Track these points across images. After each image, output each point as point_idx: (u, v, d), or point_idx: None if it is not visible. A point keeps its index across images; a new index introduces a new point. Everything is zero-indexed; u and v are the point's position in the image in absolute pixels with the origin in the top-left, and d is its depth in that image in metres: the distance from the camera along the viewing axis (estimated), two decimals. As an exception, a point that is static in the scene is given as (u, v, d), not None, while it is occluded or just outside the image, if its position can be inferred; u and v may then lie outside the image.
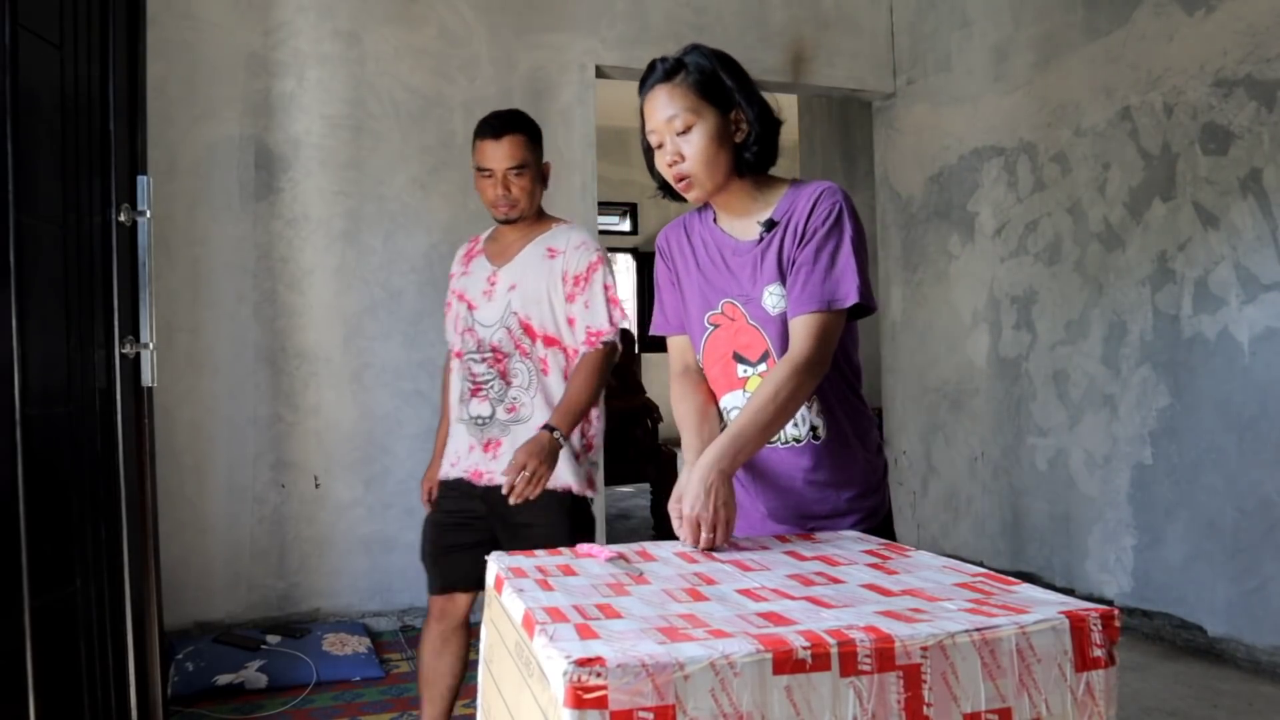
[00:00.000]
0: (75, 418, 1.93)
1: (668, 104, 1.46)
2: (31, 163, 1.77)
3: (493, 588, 1.15)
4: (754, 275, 1.49)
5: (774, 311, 1.47)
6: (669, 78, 1.47)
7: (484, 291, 2.14)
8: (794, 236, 1.46)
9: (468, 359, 2.14)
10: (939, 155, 4.36)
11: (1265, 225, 2.91)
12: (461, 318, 2.16)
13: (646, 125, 1.51)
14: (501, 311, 2.10)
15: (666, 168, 1.48)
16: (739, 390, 1.52)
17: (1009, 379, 3.96)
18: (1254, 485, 2.94)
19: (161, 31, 3.24)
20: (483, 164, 2.08)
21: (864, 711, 0.83)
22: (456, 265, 2.26)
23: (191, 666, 2.93)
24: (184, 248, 3.39)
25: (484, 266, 2.17)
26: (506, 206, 2.09)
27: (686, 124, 1.45)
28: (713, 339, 1.55)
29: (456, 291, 2.21)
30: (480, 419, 2.11)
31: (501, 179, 2.07)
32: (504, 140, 2.07)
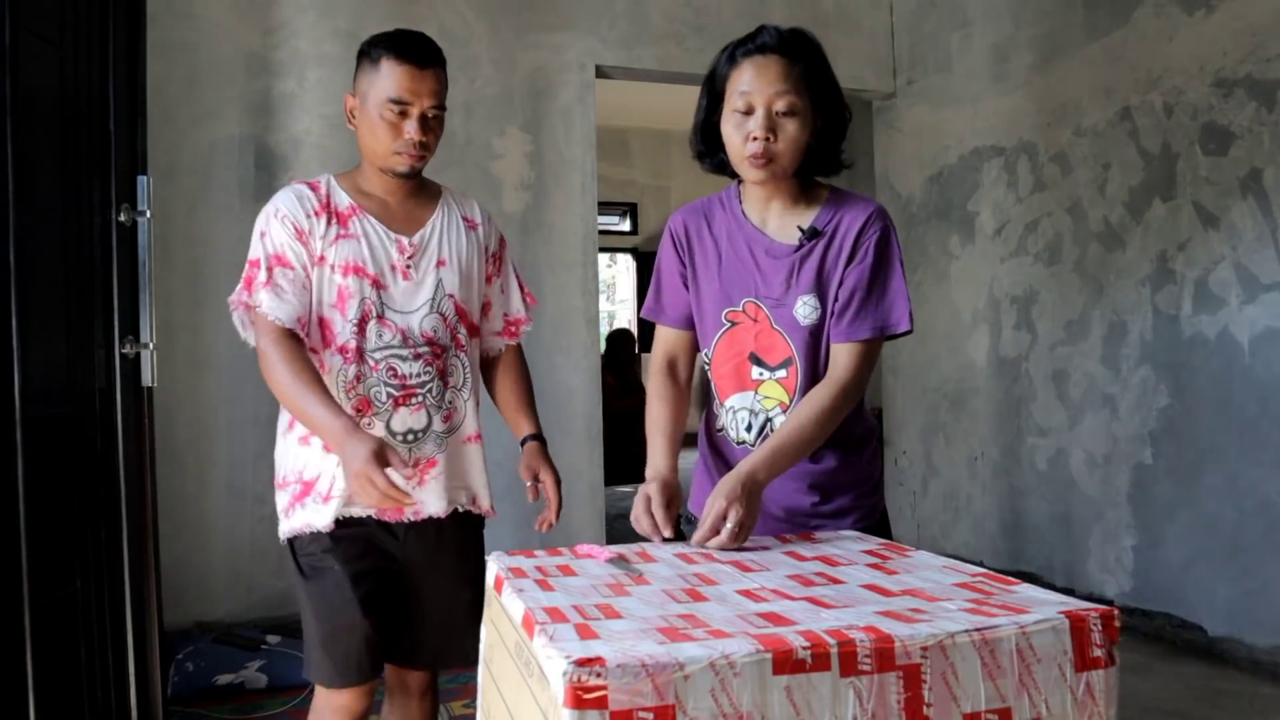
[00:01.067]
0: (75, 418, 1.93)
1: (781, 78, 1.40)
2: (31, 163, 1.77)
3: (492, 588, 1.15)
4: (788, 282, 1.46)
5: (804, 322, 1.46)
6: (789, 54, 1.42)
7: (395, 266, 1.66)
8: (839, 254, 1.45)
9: (383, 356, 1.63)
10: (939, 155, 4.36)
11: (1265, 225, 2.90)
12: (356, 298, 1.62)
13: (740, 86, 1.41)
14: (431, 293, 1.68)
15: (748, 139, 1.40)
16: (750, 392, 1.49)
17: (1009, 379, 3.96)
18: (1254, 485, 2.94)
19: (161, 31, 3.24)
20: (397, 95, 1.59)
21: (864, 711, 0.83)
22: (293, 218, 1.61)
23: (191, 666, 2.93)
24: (184, 248, 3.39)
25: (378, 231, 1.65)
26: (416, 156, 1.64)
27: (792, 106, 1.40)
28: (729, 336, 1.51)
29: (340, 261, 1.62)
30: (411, 434, 1.65)
31: (418, 120, 1.61)
32: (430, 71, 1.62)
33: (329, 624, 1.60)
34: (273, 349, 1.55)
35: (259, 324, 1.59)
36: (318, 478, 1.64)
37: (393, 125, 1.61)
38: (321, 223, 1.64)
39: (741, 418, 1.50)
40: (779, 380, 1.48)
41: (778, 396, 1.49)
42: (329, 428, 1.47)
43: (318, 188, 1.68)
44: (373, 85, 1.61)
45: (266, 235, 1.61)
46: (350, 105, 1.67)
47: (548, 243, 3.90)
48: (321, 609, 1.61)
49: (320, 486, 1.64)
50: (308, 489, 1.65)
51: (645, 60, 4.06)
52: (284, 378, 1.53)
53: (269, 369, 1.56)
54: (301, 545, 1.66)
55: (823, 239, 1.47)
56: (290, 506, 1.67)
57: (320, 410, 1.49)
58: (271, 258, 1.60)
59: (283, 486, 1.69)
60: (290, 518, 1.66)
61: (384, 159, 1.64)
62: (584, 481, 3.92)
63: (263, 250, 1.60)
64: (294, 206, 1.63)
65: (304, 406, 1.51)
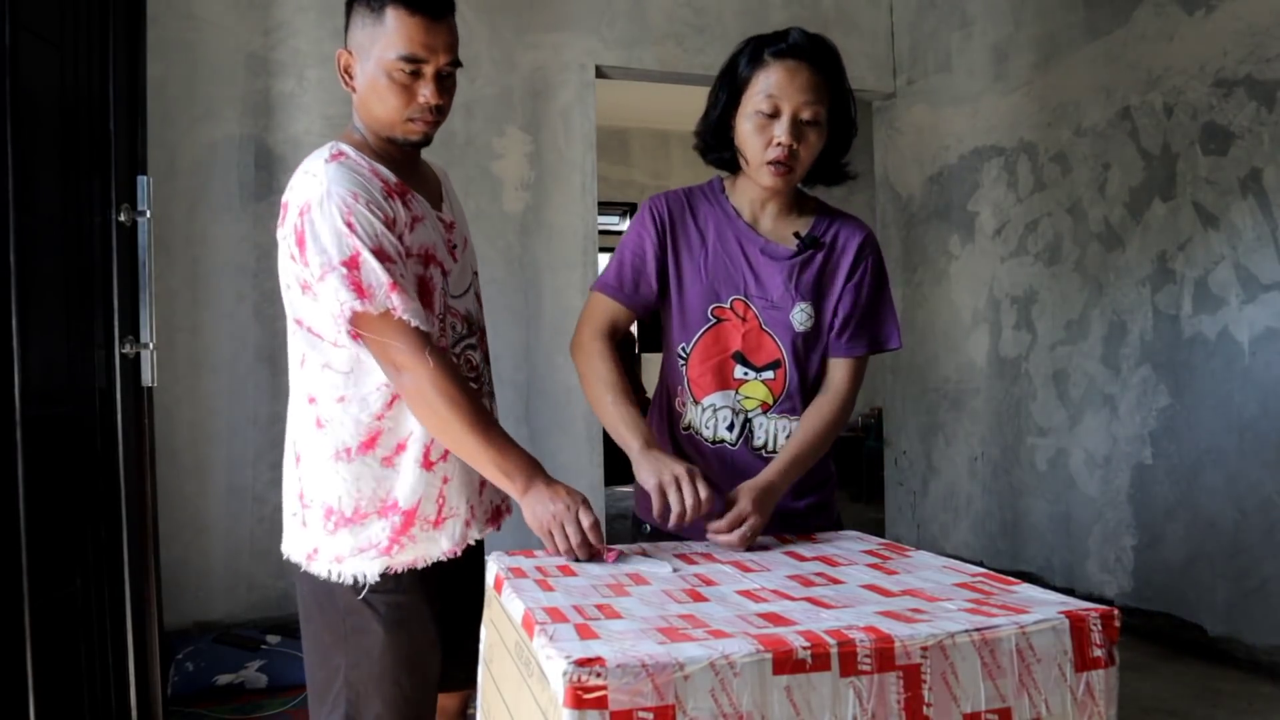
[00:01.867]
0: (75, 418, 1.93)
1: (813, 88, 1.40)
2: (31, 163, 1.77)
3: (492, 588, 1.15)
4: (786, 287, 1.48)
5: (799, 328, 1.48)
6: (817, 63, 1.41)
7: (449, 245, 1.45)
8: (836, 268, 1.50)
9: (462, 349, 1.45)
10: (939, 155, 4.36)
11: (1265, 225, 2.90)
12: (438, 290, 1.40)
13: (767, 89, 1.39)
14: (470, 272, 1.52)
15: (771, 144, 1.40)
16: (731, 390, 1.48)
17: (1009, 379, 3.96)
18: (1254, 485, 2.94)
19: (161, 31, 3.24)
20: (410, 51, 1.30)
21: (864, 711, 0.83)
22: (377, 203, 1.31)
23: (191, 666, 2.93)
24: (184, 248, 3.39)
25: (427, 210, 1.41)
26: (432, 123, 1.38)
27: (816, 117, 1.41)
28: (713, 332, 1.49)
29: (417, 249, 1.36)
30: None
31: (434, 79, 1.33)
32: (445, 22, 1.34)
33: (409, 679, 1.36)
34: (434, 359, 1.26)
35: (390, 333, 1.26)
36: (419, 502, 1.36)
37: (404, 87, 1.33)
38: (399, 206, 1.34)
39: (723, 416, 1.49)
40: (764, 381, 1.48)
41: (760, 397, 1.48)
42: (523, 466, 1.27)
43: (359, 163, 1.35)
44: (376, 40, 1.32)
45: (356, 227, 1.26)
46: (345, 62, 1.37)
47: (548, 243, 3.90)
48: (403, 660, 1.36)
49: (426, 512, 1.37)
50: (410, 521, 1.36)
51: (645, 60, 4.06)
52: (461, 403, 1.26)
53: (433, 388, 1.26)
54: (382, 585, 1.36)
55: (821, 250, 1.50)
56: (390, 545, 1.36)
57: (508, 444, 1.29)
58: (378, 252, 1.27)
59: (354, 522, 1.36)
60: (394, 554, 1.36)
61: (394, 127, 1.37)
62: (584, 481, 3.92)
63: (361, 243, 1.26)
64: (366, 188, 1.30)
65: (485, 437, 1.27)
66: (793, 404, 1.49)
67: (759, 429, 1.49)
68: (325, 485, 1.37)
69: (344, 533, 1.36)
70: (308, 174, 1.32)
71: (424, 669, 1.38)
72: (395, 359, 1.27)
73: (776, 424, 1.49)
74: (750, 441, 1.49)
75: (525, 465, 1.28)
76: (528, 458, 1.28)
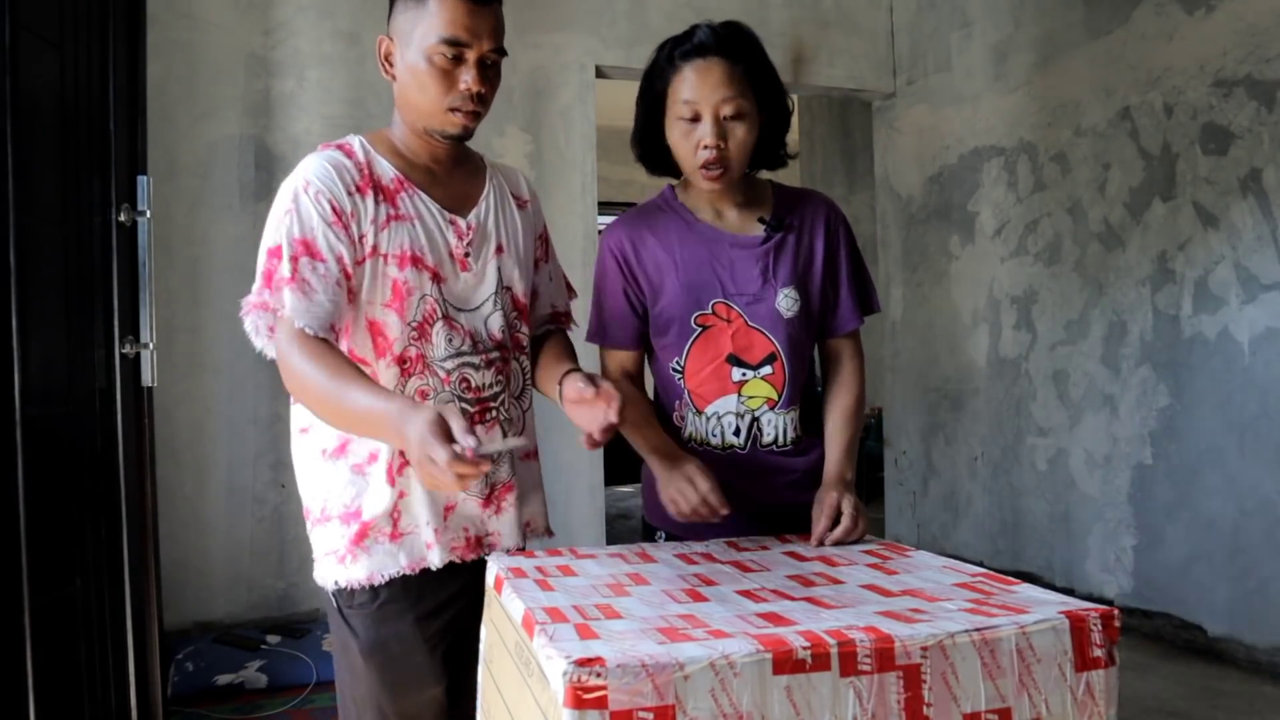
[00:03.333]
0: (75, 418, 1.93)
1: (725, 83, 1.37)
2: (31, 163, 1.77)
3: (492, 588, 1.15)
4: (764, 275, 1.46)
5: (787, 315, 1.45)
6: (730, 56, 1.39)
7: (454, 253, 1.35)
8: (811, 246, 1.49)
9: (455, 366, 1.34)
10: (939, 155, 4.36)
11: (1265, 225, 2.90)
12: (416, 296, 1.31)
13: (683, 94, 1.39)
14: (494, 286, 1.39)
15: (699, 148, 1.38)
16: (733, 395, 1.46)
17: (1009, 379, 3.96)
18: (1254, 485, 2.94)
19: (161, 31, 3.24)
20: (453, 34, 1.25)
21: (864, 711, 0.83)
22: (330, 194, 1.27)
23: (191, 666, 2.93)
24: (184, 248, 3.39)
25: (431, 211, 1.34)
26: (473, 114, 1.31)
27: (739, 110, 1.38)
28: (702, 341, 1.47)
29: (393, 249, 1.30)
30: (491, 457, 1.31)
31: (476, 66, 1.28)
32: (491, 8, 1.29)
33: (393, 707, 1.30)
34: (292, 348, 1.21)
35: (280, 330, 1.23)
36: (375, 518, 1.30)
37: (445, 74, 1.27)
38: (368, 202, 1.29)
39: (728, 422, 1.47)
40: (765, 378, 1.47)
41: (764, 394, 1.47)
42: (382, 415, 1.11)
43: (353, 153, 1.33)
44: (418, 24, 1.26)
45: (293, 215, 1.25)
46: (385, 49, 1.33)
47: (548, 243, 3.90)
48: (387, 687, 1.30)
49: (382, 525, 1.30)
50: (365, 532, 1.30)
51: (645, 60, 4.04)
52: (314, 376, 1.18)
53: (291, 374, 1.21)
54: (353, 598, 1.31)
55: (791, 231, 1.48)
56: (344, 554, 1.30)
57: (366, 398, 1.14)
58: (298, 244, 1.24)
59: (323, 521, 1.33)
60: (347, 565, 1.30)
61: (433, 117, 1.30)
62: (584, 481, 3.92)
63: (285, 235, 1.24)
64: (330, 180, 1.27)
65: (345, 402, 1.15)
66: (795, 394, 1.47)
67: (767, 426, 1.47)
68: (310, 485, 1.36)
69: (318, 531, 1.34)
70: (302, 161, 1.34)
71: (413, 699, 1.30)
72: (277, 355, 1.25)
73: (785, 418, 1.47)
74: (759, 441, 1.47)
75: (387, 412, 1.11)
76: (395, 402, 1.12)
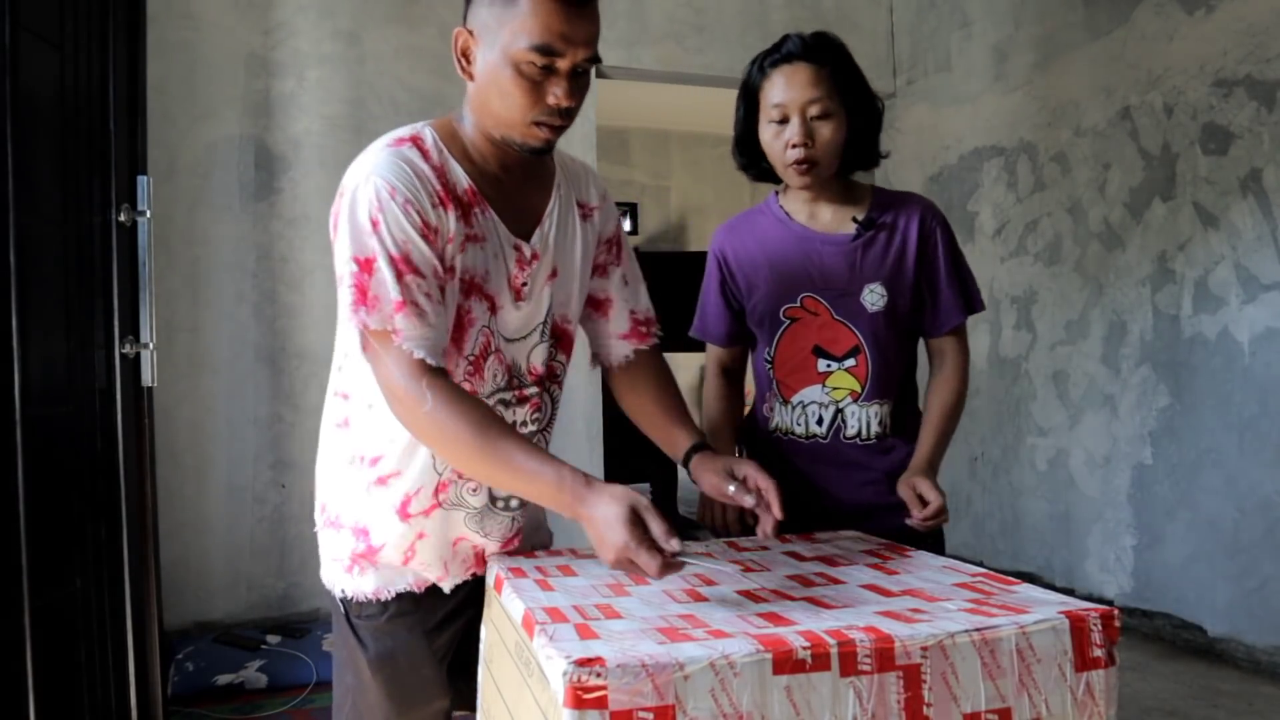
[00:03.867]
0: (75, 418, 1.93)
1: (811, 84, 1.45)
2: (31, 163, 1.77)
3: (493, 588, 1.15)
4: (852, 272, 1.52)
5: (872, 309, 1.51)
6: (815, 59, 1.47)
7: (511, 280, 1.22)
8: (904, 246, 1.53)
9: (495, 402, 1.23)
10: (939, 155, 4.36)
11: (1265, 225, 2.90)
12: (476, 326, 1.20)
13: (773, 98, 1.47)
14: (543, 315, 1.26)
15: (788, 147, 1.47)
16: (818, 385, 1.53)
17: (1009, 379, 3.96)
18: (1254, 485, 2.94)
19: (161, 31, 3.24)
20: (546, 41, 1.10)
21: (864, 711, 0.83)
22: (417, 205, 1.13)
23: (191, 666, 2.93)
24: (184, 248, 3.39)
25: (498, 232, 1.20)
26: (557, 128, 1.17)
27: (825, 110, 1.46)
28: (790, 333, 1.55)
29: (463, 273, 1.17)
30: (510, 499, 1.27)
31: (568, 77, 1.13)
32: (589, 10, 1.14)
33: (402, 717, 1.26)
34: (416, 385, 1.08)
35: (389, 359, 1.10)
36: (384, 546, 1.24)
37: (533, 84, 1.12)
38: (450, 218, 1.15)
39: (812, 411, 1.53)
40: (848, 370, 1.52)
41: (848, 386, 1.52)
42: (553, 486, 1.05)
43: (428, 154, 1.17)
44: (505, 24, 1.11)
45: (383, 224, 1.10)
46: (463, 44, 1.18)
47: (548, 243, 3.90)
48: (395, 700, 1.25)
49: (389, 556, 1.24)
50: (372, 554, 1.25)
51: (645, 60, 4.06)
52: (455, 426, 1.07)
53: (418, 415, 1.09)
54: (361, 609, 1.26)
55: (883, 230, 1.53)
56: (351, 565, 1.26)
57: (529, 462, 1.06)
58: (398, 259, 1.10)
59: (335, 526, 1.28)
60: (354, 576, 1.26)
61: (514, 128, 1.16)
62: (584, 481, 3.92)
63: (380, 247, 1.10)
64: (414, 187, 1.13)
65: (499, 460, 1.06)
66: (881, 389, 1.52)
67: (851, 418, 1.53)
68: (328, 484, 1.29)
69: (328, 533, 1.29)
70: (365, 153, 1.18)
71: (420, 712, 1.26)
72: (390, 386, 1.11)
73: (868, 411, 1.52)
74: (842, 433, 1.53)
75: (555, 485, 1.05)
76: (563, 474, 1.05)
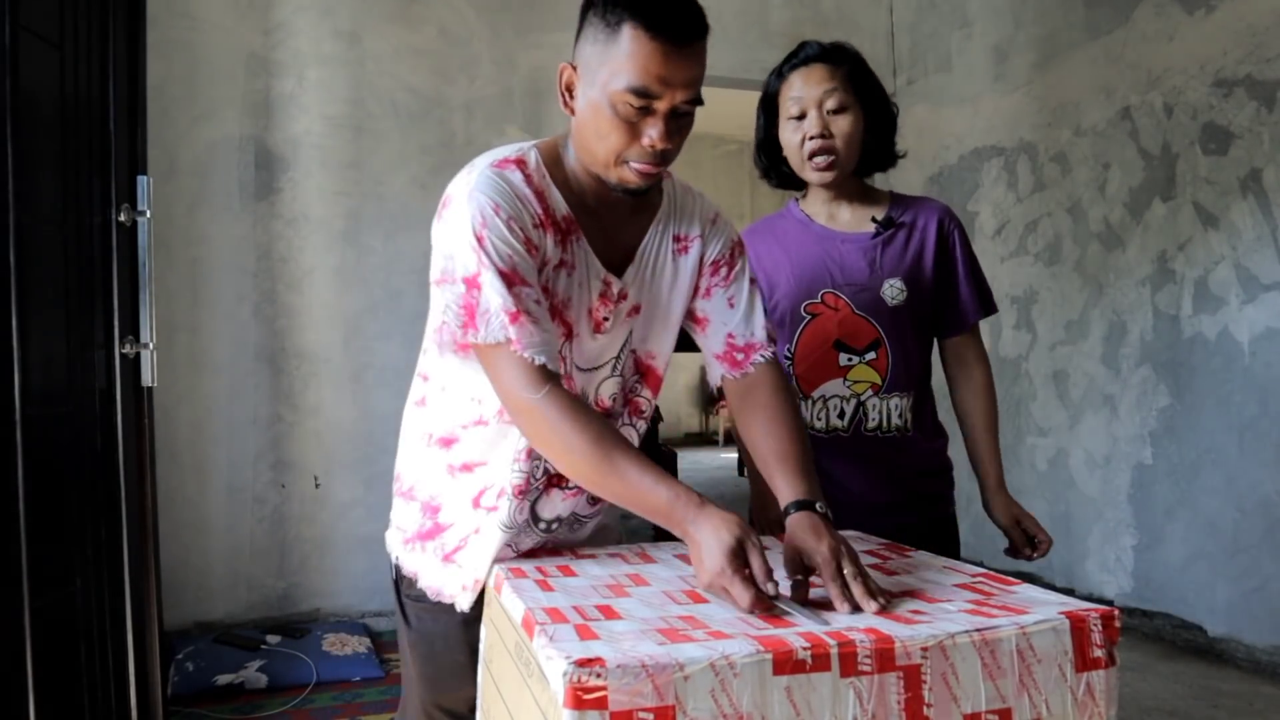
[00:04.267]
0: (75, 418, 1.93)
1: (827, 80, 1.51)
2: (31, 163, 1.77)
3: (493, 588, 1.15)
4: (872, 268, 1.55)
5: (892, 303, 1.54)
6: (832, 60, 1.52)
7: (592, 312, 1.22)
8: (922, 245, 1.57)
9: None
10: (939, 155, 4.36)
11: (1265, 225, 2.90)
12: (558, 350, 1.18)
13: (792, 95, 1.52)
14: (618, 349, 1.26)
15: (805, 140, 1.51)
16: (839, 379, 1.55)
17: (1009, 379, 3.96)
18: (1254, 485, 2.94)
19: (161, 31, 3.24)
20: (643, 84, 1.08)
21: (864, 712, 0.83)
22: (520, 222, 1.12)
23: (191, 666, 2.93)
24: (184, 248, 3.39)
25: (588, 262, 1.20)
26: (653, 170, 1.14)
27: (841, 104, 1.51)
28: (811, 328, 1.57)
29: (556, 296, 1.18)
30: (558, 521, 1.28)
31: (665, 118, 1.10)
32: (692, 49, 1.10)
33: (433, 696, 1.30)
34: (531, 391, 1.08)
35: (508, 369, 1.10)
36: (450, 527, 1.25)
37: (629, 125, 1.10)
38: (548, 240, 1.15)
39: (834, 405, 1.55)
40: (869, 363, 1.54)
41: (869, 379, 1.55)
42: (667, 505, 1.05)
43: (531, 177, 1.16)
44: (605, 62, 1.09)
45: (490, 240, 1.09)
46: (568, 79, 1.16)
47: (548, 243, 3.90)
48: (428, 682, 1.29)
49: (447, 539, 1.25)
50: (434, 533, 1.26)
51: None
52: (573, 435, 1.07)
53: (538, 422, 1.09)
54: (411, 586, 1.29)
55: (902, 229, 1.57)
56: (410, 540, 1.29)
57: (640, 477, 1.06)
58: (507, 274, 1.09)
59: (408, 497, 1.30)
60: (410, 551, 1.29)
61: (608, 168, 1.14)
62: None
63: (487, 262, 1.09)
64: (515, 205, 1.12)
65: (613, 472, 1.07)
66: (900, 382, 1.55)
67: (872, 411, 1.55)
68: (408, 458, 1.32)
69: (400, 501, 1.31)
70: (469, 169, 1.18)
71: (450, 696, 1.26)
72: (510, 397, 1.11)
73: (889, 404, 1.55)
74: (864, 426, 1.55)
75: (669, 503, 1.05)
76: (670, 495, 1.05)
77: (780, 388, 1.28)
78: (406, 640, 1.31)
